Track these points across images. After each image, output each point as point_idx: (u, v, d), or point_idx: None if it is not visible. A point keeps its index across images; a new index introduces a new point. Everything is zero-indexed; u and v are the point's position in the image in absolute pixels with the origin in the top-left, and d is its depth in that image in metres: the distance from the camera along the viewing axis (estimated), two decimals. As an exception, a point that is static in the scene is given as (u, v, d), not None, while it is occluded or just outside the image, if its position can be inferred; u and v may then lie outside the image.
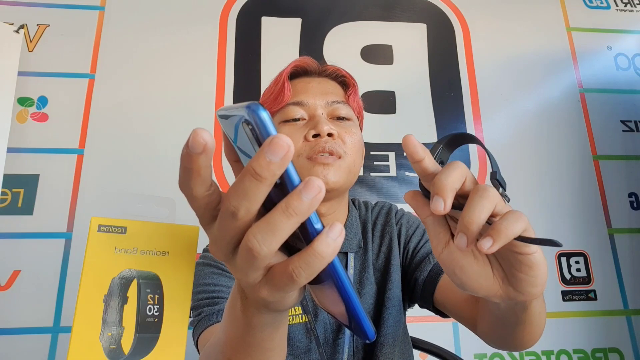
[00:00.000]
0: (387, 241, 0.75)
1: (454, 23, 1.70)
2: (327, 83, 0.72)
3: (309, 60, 0.74)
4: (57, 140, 1.39)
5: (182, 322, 0.36)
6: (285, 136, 0.23)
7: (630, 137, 1.62)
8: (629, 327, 1.43)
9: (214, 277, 0.66)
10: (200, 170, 0.24)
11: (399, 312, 0.72)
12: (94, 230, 0.35)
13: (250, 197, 0.23)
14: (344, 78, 0.74)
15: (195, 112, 1.47)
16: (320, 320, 0.68)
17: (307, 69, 0.73)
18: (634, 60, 1.73)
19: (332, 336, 0.68)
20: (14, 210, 1.31)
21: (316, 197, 0.23)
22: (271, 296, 0.27)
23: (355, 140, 0.68)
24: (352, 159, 0.67)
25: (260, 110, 0.24)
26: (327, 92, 0.70)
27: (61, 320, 1.24)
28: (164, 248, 0.36)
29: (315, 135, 0.65)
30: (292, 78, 0.72)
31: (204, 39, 1.56)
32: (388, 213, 0.79)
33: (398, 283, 0.72)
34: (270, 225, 0.23)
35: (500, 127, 1.59)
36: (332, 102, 0.69)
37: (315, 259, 0.24)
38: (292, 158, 0.23)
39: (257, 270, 0.26)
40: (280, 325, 0.35)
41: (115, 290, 0.35)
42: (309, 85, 0.70)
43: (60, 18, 1.51)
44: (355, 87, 0.74)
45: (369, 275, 0.72)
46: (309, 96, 0.69)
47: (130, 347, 0.34)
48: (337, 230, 0.24)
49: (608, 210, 1.53)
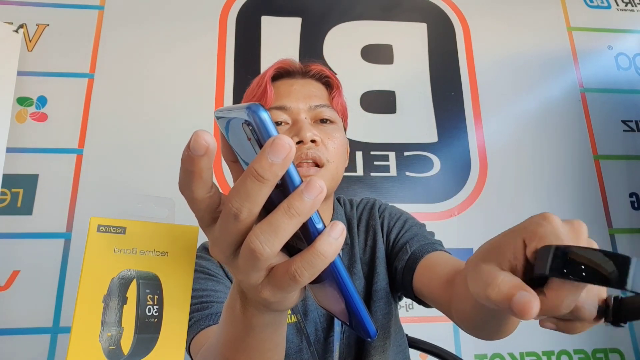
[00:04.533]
0: (371, 234, 0.75)
1: (455, 23, 1.70)
2: (310, 85, 0.71)
3: (291, 61, 0.73)
4: (57, 140, 1.39)
5: (181, 322, 0.36)
6: (286, 137, 0.23)
7: (631, 136, 1.62)
8: (629, 328, 1.43)
9: (202, 282, 0.66)
10: (202, 173, 0.24)
11: (387, 304, 0.72)
12: (94, 231, 0.35)
13: (252, 199, 0.23)
14: (328, 79, 0.73)
15: (195, 111, 1.47)
16: (310, 320, 0.68)
17: (290, 70, 0.72)
18: (634, 60, 1.73)
19: (323, 335, 0.68)
20: (13, 210, 1.30)
21: (317, 197, 0.23)
22: (273, 297, 0.27)
23: (338, 145, 0.68)
24: (335, 165, 0.67)
25: (261, 111, 0.24)
26: (311, 95, 0.69)
27: (60, 321, 1.24)
28: (164, 248, 0.36)
29: (298, 142, 0.64)
30: (274, 79, 0.71)
31: (204, 38, 1.56)
32: (372, 208, 0.79)
33: (384, 275, 0.73)
34: (273, 226, 0.23)
35: (501, 126, 1.59)
36: (315, 106, 0.68)
37: (317, 259, 0.24)
38: None
39: (259, 271, 0.26)
40: (280, 325, 0.35)
41: (115, 290, 0.34)
42: (292, 88, 0.69)
43: (59, 18, 1.51)
44: (340, 87, 0.74)
45: (357, 270, 0.73)
46: (292, 100, 0.68)
47: (129, 348, 0.34)
48: (338, 230, 0.24)
49: (609, 210, 1.53)
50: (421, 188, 1.49)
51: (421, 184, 1.50)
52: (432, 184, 1.50)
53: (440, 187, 1.50)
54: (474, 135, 1.57)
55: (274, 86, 0.70)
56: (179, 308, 0.36)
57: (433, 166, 1.52)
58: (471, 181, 1.52)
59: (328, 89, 0.73)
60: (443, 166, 1.52)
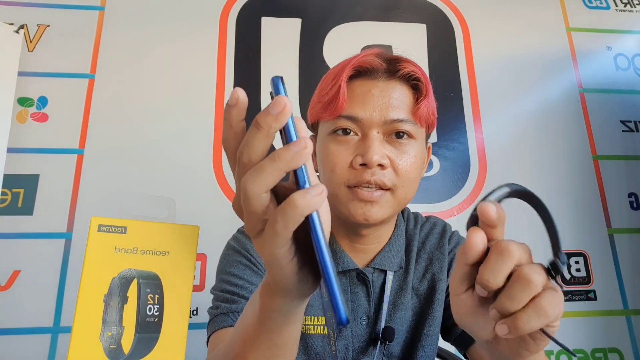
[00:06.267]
0: (435, 269, 0.67)
1: (454, 23, 1.70)
2: (393, 90, 0.60)
3: (374, 57, 0.61)
4: (57, 140, 1.39)
5: (182, 322, 0.36)
6: (285, 97, 0.27)
7: (630, 137, 1.62)
8: (628, 327, 1.43)
9: (241, 268, 0.63)
10: (232, 121, 0.28)
11: (433, 352, 0.67)
12: (94, 230, 0.35)
13: (250, 144, 0.27)
14: (417, 82, 0.62)
15: (195, 112, 1.47)
16: (342, 337, 0.64)
17: (372, 69, 0.61)
18: (633, 61, 1.73)
19: (352, 355, 0.63)
20: (14, 210, 1.31)
21: (301, 151, 0.26)
22: (265, 250, 0.28)
23: (411, 167, 0.59)
24: (404, 191, 0.60)
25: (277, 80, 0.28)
26: (389, 106, 0.58)
27: (61, 321, 1.24)
28: (164, 248, 0.36)
29: (362, 164, 0.56)
30: (353, 78, 0.61)
31: (204, 39, 1.56)
32: (441, 235, 0.70)
33: (439, 320, 0.66)
34: (258, 168, 0.27)
35: (500, 127, 1.59)
36: (392, 121, 0.58)
37: (289, 207, 0.26)
38: (290, 118, 0.27)
39: (255, 214, 0.28)
40: (290, 321, 0.34)
41: (115, 290, 0.35)
42: (370, 94, 0.59)
43: (60, 18, 1.51)
44: (429, 93, 0.62)
45: (405, 300, 0.66)
46: (366, 109, 0.58)
47: (130, 347, 0.34)
48: (317, 188, 0.27)
49: (608, 210, 1.53)
50: (421, 188, 1.48)
51: (421, 183, 1.49)
52: (431, 184, 1.50)
53: (440, 187, 1.50)
54: (473, 135, 1.57)
55: (350, 86, 0.60)
56: (179, 307, 0.36)
57: (433, 166, 1.52)
58: (470, 181, 1.52)
59: (415, 94, 0.62)
60: (442, 166, 1.52)
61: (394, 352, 0.65)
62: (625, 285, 1.46)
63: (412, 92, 0.62)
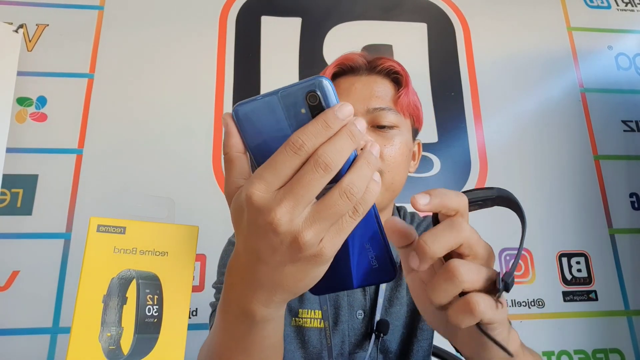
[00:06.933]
0: None
1: (455, 23, 1.70)
2: (374, 83, 0.65)
3: (356, 56, 0.67)
4: (56, 140, 1.39)
5: (181, 322, 0.36)
6: (348, 104, 0.28)
7: (631, 137, 1.62)
8: (629, 328, 1.43)
9: None
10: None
11: (429, 346, 0.67)
12: (93, 231, 0.35)
13: (316, 135, 0.27)
14: (397, 75, 0.66)
15: (195, 111, 1.47)
16: (339, 331, 0.64)
17: (354, 66, 0.66)
18: (634, 60, 1.73)
19: (349, 349, 0.64)
20: (13, 210, 1.30)
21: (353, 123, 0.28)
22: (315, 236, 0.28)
23: (397, 152, 0.61)
24: (391, 175, 0.61)
25: (326, 80, 0.28)
26: (372, 96, 0.63)
27: (60, 321, 1.24)
28: (164, 248, 0.36)
29: None
30: (337, 76, 0.66)
31: (204, 38, 1.56)
32: None
33: None
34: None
35: (501, 126, 1.59)
36: (374, 109, 0.62)
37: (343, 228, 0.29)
38: None
39: (323, 260, 0.28)
40: (280, 321, 0.35)
41: (115, 290, 0.34)
42: (353, 88, 0.64)
43: (59, 18, 1.51)
44: (409, 85, 0.67)
45: (401, 295, 0.67)
46: (350, 101, 0.60)
47: (129, 348, 0.34)
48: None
49: (609, 210, 1.53)
50: (421, 188, 1.47)
51: (421, 184, 1.50)
52: (432, 184, 1.50)
53: (440, 186, 1.49)
54: (474, 135, 1.57)
55: (335, 84, 0.65)
56: (178, 308, 0.36)
57: (433, 166, 1.52)
58: (471, 181, 1.51)
59: (396, 87, 0.66)
60: (443, 166, 1.52)
61: (390, 347, 0.66)
62: (626, 286, 1.46)
63: (393, 85, 0.66)
